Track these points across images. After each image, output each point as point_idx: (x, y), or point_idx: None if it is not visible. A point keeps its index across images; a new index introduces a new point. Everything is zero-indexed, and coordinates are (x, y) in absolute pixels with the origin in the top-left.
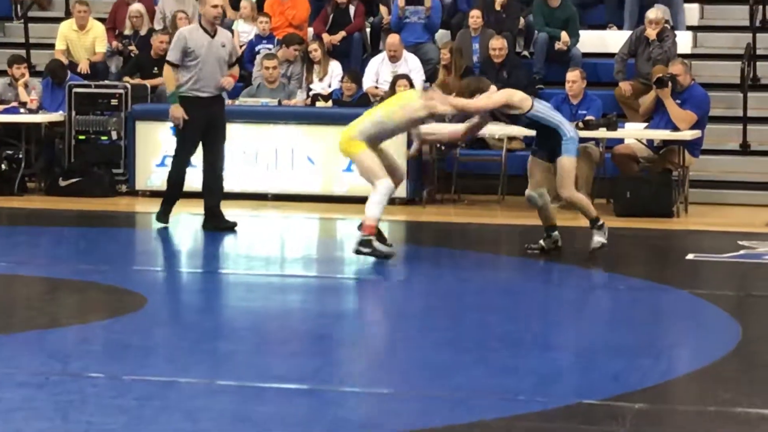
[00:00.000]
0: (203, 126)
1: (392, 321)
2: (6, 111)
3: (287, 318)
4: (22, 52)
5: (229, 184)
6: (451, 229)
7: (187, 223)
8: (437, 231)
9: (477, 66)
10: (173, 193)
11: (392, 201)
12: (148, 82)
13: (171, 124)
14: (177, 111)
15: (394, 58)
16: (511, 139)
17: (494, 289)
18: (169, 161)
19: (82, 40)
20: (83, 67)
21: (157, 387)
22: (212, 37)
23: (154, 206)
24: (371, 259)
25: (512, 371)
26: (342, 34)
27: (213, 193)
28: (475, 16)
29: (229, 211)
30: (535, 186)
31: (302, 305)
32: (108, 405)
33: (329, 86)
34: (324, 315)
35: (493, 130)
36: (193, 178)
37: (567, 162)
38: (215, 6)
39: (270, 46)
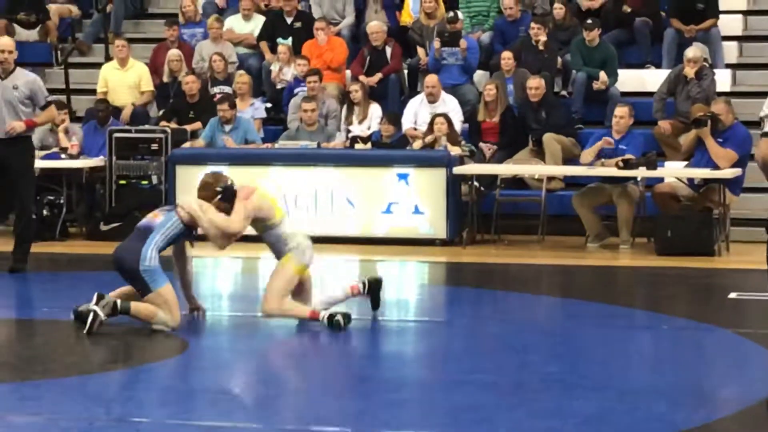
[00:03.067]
0: None
1: (434, 363)
2: (47, 157)
3: (329, 360)
4: (63, 97)
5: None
6: (492, 269)
7: (227, 266)
8: (477, 272)
9: (514, 107)
10: None
11: (432, 242)
12: (187, 127)
13: (210, 168)
14: None
15: (432, 98)
16: (550, 179)
17: (535, 330)
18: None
19: (123, 78)
20: (125, 116)
21: (201, 431)
22: (2, 79)
23: (195, 251)
24: (413, 301)
25: (555, 413)
26: (379, 75)
27: (19, 238)
28: (506, 58)
29: (267, 252)
30: None
31: (344, 347)
32: None
33: (368, 128)
34: (366, 357)
35: (533, 169)
36: None
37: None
38: (2, 51)
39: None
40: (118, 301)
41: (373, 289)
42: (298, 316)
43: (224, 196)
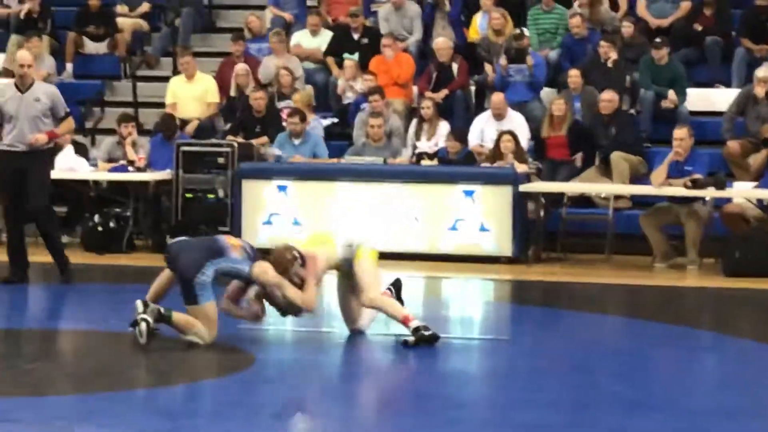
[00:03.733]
0: (12, 180)
1: (498, 381)
2: (114, 169)
3: (391, 377)
4: (131, 110)
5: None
6: (557, 288)
7: None
8: (543, 290)
9: (581, 122)
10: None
11: (497, 260)
12: (254, 141)
13: (277, 183)
14: None
15: (499, 117)
16: (617, 197)
17: (601, 350)
18: (275, 219)
19: (190, 91)
20: (190, 129)
21: None
22: (22, 92)
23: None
24: (477, 319)
25: None
26: (445, 91)
27: (51, 246)
28: (574, 75)
29: None
30: None
31: (407, 364)
32: None
33: (436, 145)
34: (429, 374)
35: (600, 188)
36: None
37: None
38: (21, 66)
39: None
40: (162, 309)
41: (397, 289)
42: (393, 314)
43: (303, 262)
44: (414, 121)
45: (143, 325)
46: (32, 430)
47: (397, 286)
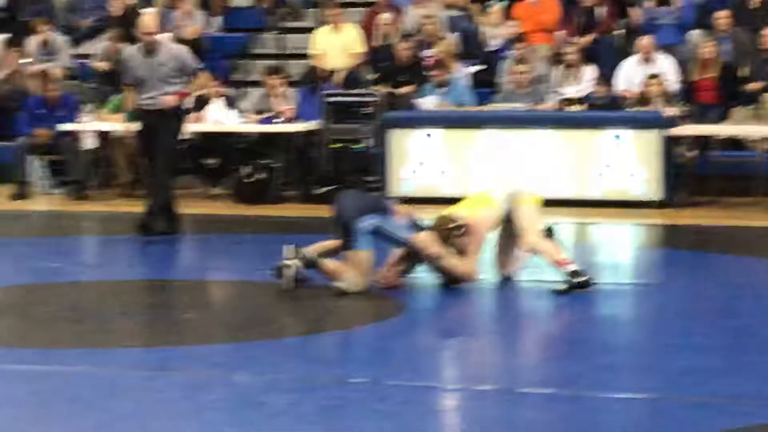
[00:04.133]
0: (149, 137)
1: (650, 326)
2: (263, 121)
3: (542, 323)
4: (277, 62)
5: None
6: (708, 232)
7: None
8: (693, 234)
9: (730, 64)
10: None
11: (646, 204)
12: (401, 90)
13: (423, 131)
14: (131, 128)
15: (646, 60)
16: None
17: (753, 293)
18: (421, 169)
19: (336, 42)
20: (338, 79)
21: (419, 392)
22: (149, 57)
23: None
24: (627, 264)
25: None
26: (592, 36)
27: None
28: (722, 17)
29: None
30: None
31: (559, 310)
32: (371, 410)
33: (582, 90)
34: (582, 320)
35: (751, 131)
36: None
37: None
38: (145, 33)
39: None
40: (308, 253)
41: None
42: (551, 258)
43: (463, 233)
44: (560, 67)
45: (287, 271)
46: (189, 378)
47: (550, 235)
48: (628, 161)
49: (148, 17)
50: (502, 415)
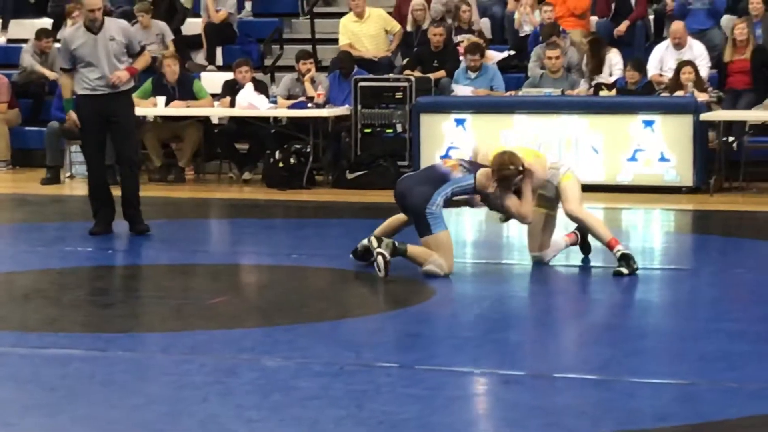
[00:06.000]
0: (98, 126)
1: (681, 311)
2: (294, 106)
3: (574, 308)
4: (309, 47)
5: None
6: (740, 217)
7: (470, 215)
8: (725, 220)
9: (764, 47)
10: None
11: (679, 189)
12: (431, 75)
13: (454, 117)
14: (71, 116)
15: (678, 46)
16: None
17: None
18: (453, 153)
19: (363, 29)
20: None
21: (449, 377)
22: (96, 34)
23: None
24: (659, 249)
25: None
26: (626, 23)
27: (127, 202)
28: (755, 1)
29: None
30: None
31: (589, 295)
32: (401, 394)
33: (610, 75)
34: (612, 305)
35: None
36: None
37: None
38: (91, 10)
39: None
40: (396, 243)
41: (583, 235)
42: (597, 231)
43: (525, 175)
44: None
45: (380, 259)
46: (220, 362)
47: (582, 232)
48: (660, 147)
49: None
50: (533, 400)
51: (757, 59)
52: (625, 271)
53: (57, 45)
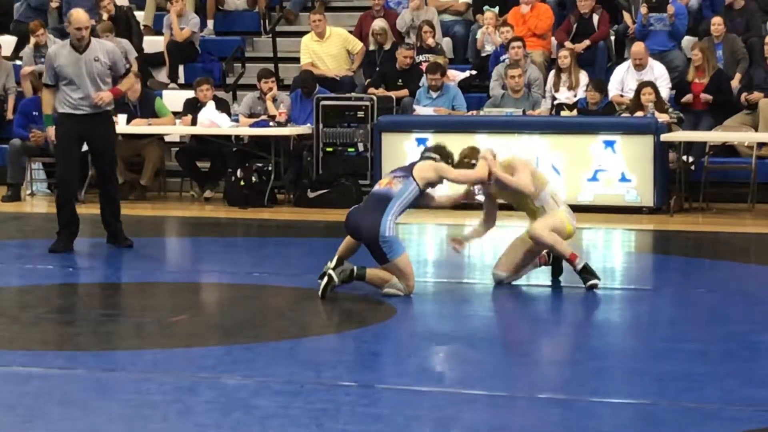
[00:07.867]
0: (76, 145)
1: (641, 331)
2: (256, 124)
3: (535, 328)
4: (271, 66)
5: None
6: (700, 238)
7: (432, 233)
8: (685, 240)
9: (723, 70)
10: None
11: (639, 210)
12: (393, 94)
13: (415, 136)
14: (49, 132)
15: (639, 67)
16: (761, 145)
17: (744, 299)
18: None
19: (324, 49)
20: (333, 72)
21: (410, 396)
22: (81, 53)
23: (402, 217)
24: (619, 269)
25: (766, 382)
26: (586, 42)
27: (109, 224)
28: (716, 23)
29: (475, 219)
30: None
31: (549, 315)
32: (361, 413)
33: (575, 96)
34: (573, 325)
35: (743, 137)
36: None
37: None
38: (78, 29)
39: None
40: (356, 268)
41: (555, 258)
42: (560, 251)
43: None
44: (552, 72)
45: (326, 280)
46: (179, 380)
47: (552, 254)
48: (621, 167)
49: (79, 12)
50: (492, 420)
51: (716, 81)
52: (597, 281)
53: (11, 63)
